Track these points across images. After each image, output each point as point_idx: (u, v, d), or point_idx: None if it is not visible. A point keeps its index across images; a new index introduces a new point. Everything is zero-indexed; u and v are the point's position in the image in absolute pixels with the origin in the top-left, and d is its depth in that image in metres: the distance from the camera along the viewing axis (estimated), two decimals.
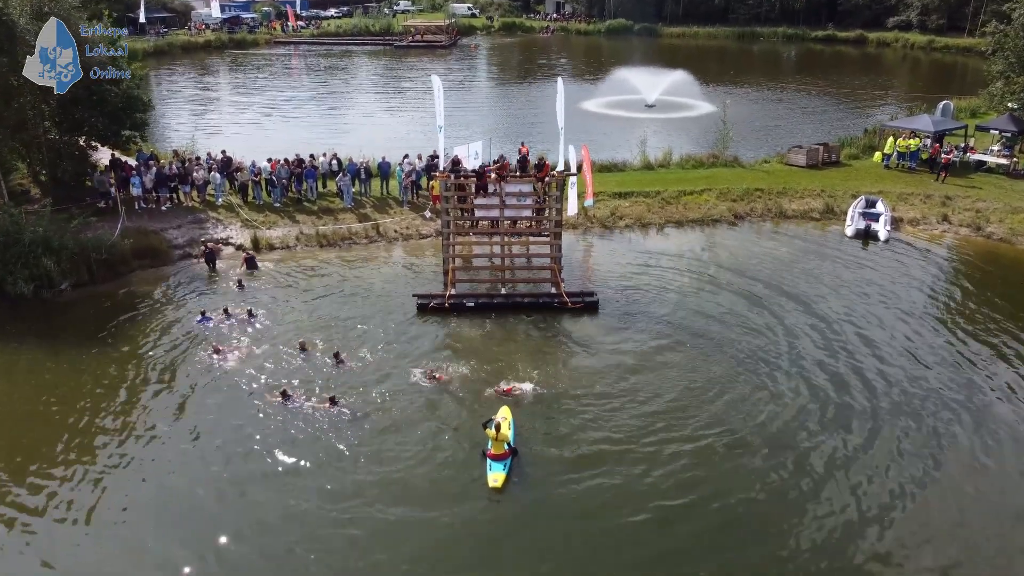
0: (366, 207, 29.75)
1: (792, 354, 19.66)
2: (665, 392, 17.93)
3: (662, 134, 43.41)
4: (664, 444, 16.15)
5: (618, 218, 29.39)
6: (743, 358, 19.41)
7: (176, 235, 26.75)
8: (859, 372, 18.85)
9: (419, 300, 21.98)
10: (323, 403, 17.28)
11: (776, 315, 21.68)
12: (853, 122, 45.58)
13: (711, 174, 34.03)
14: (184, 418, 17.16)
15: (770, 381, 18.48)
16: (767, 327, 21.03)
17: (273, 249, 26.63)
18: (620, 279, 24.32)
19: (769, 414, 17.21)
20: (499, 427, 15.29)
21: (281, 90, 57.86)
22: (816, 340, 20.35)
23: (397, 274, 24.77)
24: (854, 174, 34.09)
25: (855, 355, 19.62)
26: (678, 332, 20.75)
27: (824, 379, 18.58)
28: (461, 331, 20.74)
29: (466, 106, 51.13)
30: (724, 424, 16.81)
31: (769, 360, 19.34)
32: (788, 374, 18.80)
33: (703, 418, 17.01)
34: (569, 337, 20.49)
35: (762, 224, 29.61)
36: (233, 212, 28.50)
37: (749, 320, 21.41)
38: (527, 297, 22.21)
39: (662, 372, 18.80)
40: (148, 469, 15.58)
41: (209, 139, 38.96)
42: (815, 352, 19.77)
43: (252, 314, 21.48)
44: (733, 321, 21.36)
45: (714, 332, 20.72)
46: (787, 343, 20.17)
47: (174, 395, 18.01)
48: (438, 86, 23.38)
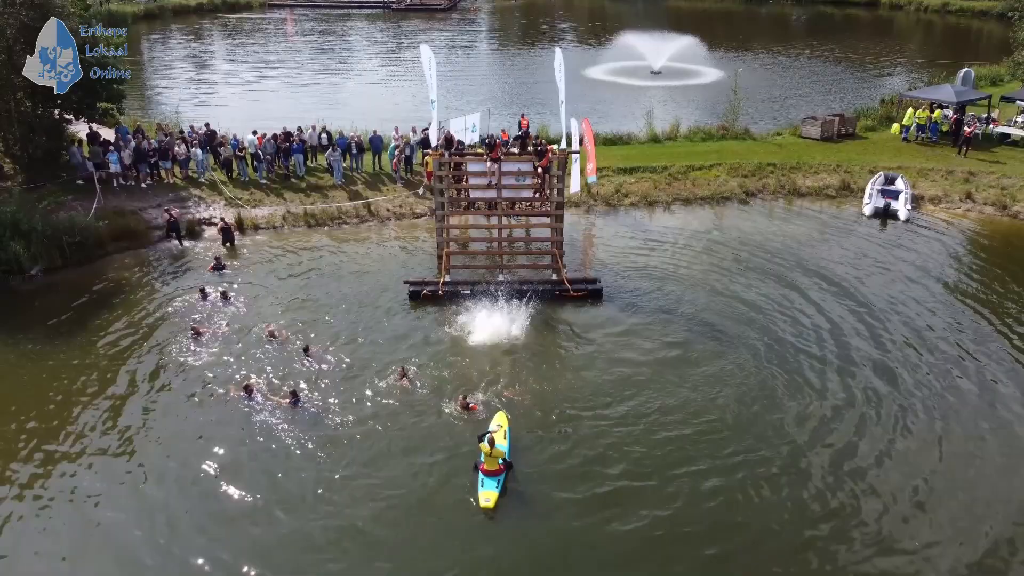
0: (357, 184, 28.23)
1: (818, 349, 18.18)
2: (679, 395, 16.52)
3: (669, 103, 41.67)
4: (684, 461, 14.66)
5: (623, 195, 27.87)
6: (762, 353, 18.01)
7: (156, 215, 25.27)
8: (895, 367, 17.46)
9: (411, 287, 20.61)
10: (284, 399, 16.15)
11: (793, 303, 20.30)
12: (868, 91, 43.71)
13: (721, 147, 32.39)
14: (136, 424, 15.80)
15: (800, 379, 16.99)
16: (784, 315, 19.65)
17: (258, 229, 25.20)
18: (626, 262, 22.91)
19: (800, 418, 15.86)
20: (493, 441, 13.98)
21: (274, 57, 55.82)
22: (845, 332, 18.86)
23: (389, 257, 23.37)
24: (871, 147, 32.42)
25: (886, 346, 18.23)
26: (689, 323, 19.40)
27: (864, 380, 16.99)
28: (454, 322, 19.37)
29: (464, 74, 49.21)
30: (751, 435, 15.37)
31: (790, 354, 17.91)
32: (818, 371, 17.30)
33: (723, 427, 15.58)
34: (572, 330, 19.12)
35: (774, 202, 28.09)
36: (217, 190, 27.00)
37: (764, 308, 20.02)
38: (527, 284, 20.83)
39: (675, 370, 17.41)
40: (83, 504, 13.80)
41: (196, 110, 37.27)
42: (846, 348, 18.23)
43: (227, 296, 20.33)
44: (747, 309, 19.98)
45: (728, 323, 19.33)
46: (807, 334, 18.79)
47: (136, 391, 16.83)
48: (428, 57, 21.50)
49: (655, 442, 15.10)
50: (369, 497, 13.76)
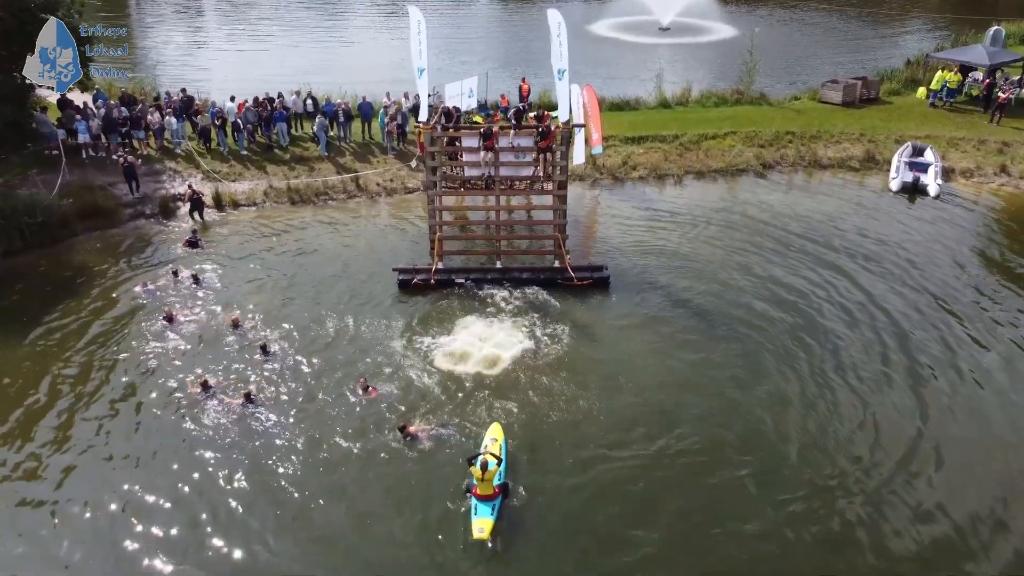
0: (345, 155, 26.28)
1: (860, 351, 16.36)
2: (701, 406, 14.83)
3: (679, 63, 39.37)
4: (713, 491, 13.09)
5: (631, 168, 25.93)
6: (790, 354, 16.22)
7: (127, 190, 23.43)
8: (964, 367, 15.82)
9: (400, 275, 18.88)
10: (236, 400, 14.79)
11: (819, 292, 18.51)
12: (891, 50, 41.33)
13: (735, 113, 30.31)
14: (84, 428, 14.34)
15: (838, 391, 15.12)
16: (809, 306, 17.91)
17: (238, 206, 23.38)
18: (634, 244, 21.12)
19: (840, 441, 14.18)
20: (486, 465, 12.37)
21: (256, 14, 52.86)
22: (880, 330, 17.07)
23: (378, 238, 21.58)
24: (896, 113, 30.30)
25: (929, 347, 16.54)
26: (708, 316, 17.65)
27: (939, 390, 15.26)
28: (445, 316, 17.65)
29: (460, 31, 46.61)
30: (798, 459, 13.74)
31: (825, 358, 16.07)
32: (870, 379, 15.49)
33: (757, 448, 13.92)
34: (576, 326, 17.36)
35: (793, 174, 26.15)
36: (194, 162, 25.06)
37: (787, 299, 18.26)
38: (526, 272, 19.08)
39: (696, 374, 15.74)
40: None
41: (174, 71, 35.03)
42: (883, 348, 16.49)
43: (198, 279, 18.88)
44: (770, 299, 18.23)
45: (751, 316, 17.56)
46: (838, 329, 17.01)
47: (89, 387, 15.38)
48: (418, 20, 19.29)
49: (674, 464, 13.45)
50: (325, 534, 12.26)
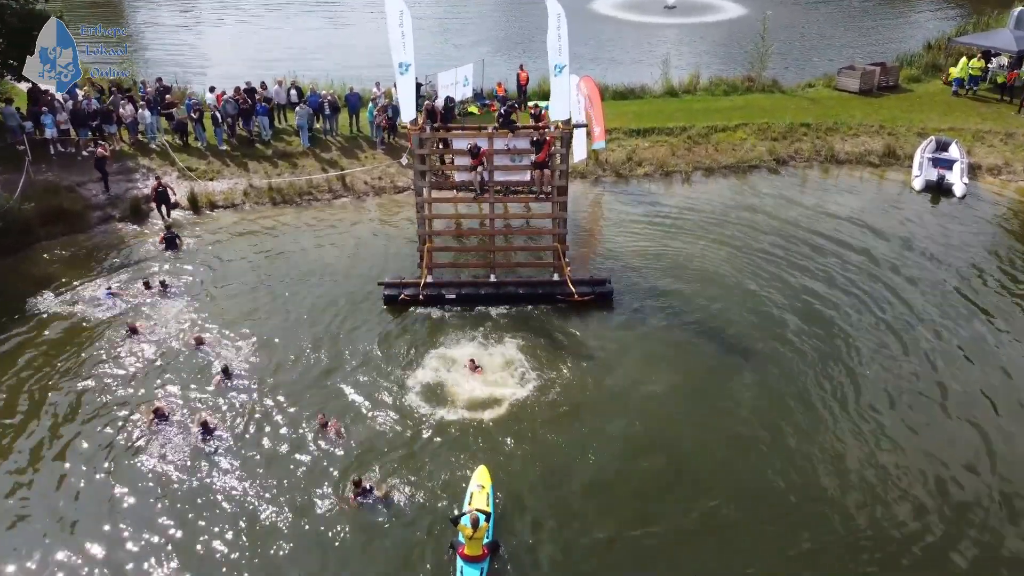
0: (331, 150, 24.64)
1: (890, 375, 15.02)
2: (717, 449, 13.42)
3: (686, 44, 37.58)
4: (730, 548, 11.79)
5: (636, 164, 24.32)
6: (823, 381, 14.81)
7: (96, 190, 21.87)
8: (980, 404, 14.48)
9: (386, 290, 17.41)
10: (195, 425, 13.62)
11: (846, 309, 17.01)
12: (908, 31, 39.41)
13: (746, 102, 28.61)
14: (26, 455, 13.22)
15: (893, 432, 13.74)
16: (839, 325, 16.43)
17: (215, 207, 21.81)
18: (639, 252, 19.62)
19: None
20: (476, 522, 11.02)
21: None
22: (920, 351, 15.68)
23: (364, 244, 20.05)
24: (917, 103, 28.58)
25: (986, 374, 15.13)
26: (723, 336, 16.19)
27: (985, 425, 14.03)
28: (433, 338, 16.16)
29: (454, 11, 44.43)
30: (840, 517, 12.42)
31: (864, 387, 14.69)
32: (909, 410, 14.18)
33: (785, 500, 12.59)
34: (575, 350, 15.89)
35: (809, 171, 24.54)
36: (169, 159, 23.43)
37: (811, 314, 16.77)
38: (523, 286, 17.61)
39: (712, 407, 14.34)
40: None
41: (156, 53, 33.21)
42: (927, 373, 15.15)
43: (165, 285, 17.72)
44: (790, 314, 16.76)
45: (770, 337, 16.07)
46: (872, 357, 15.58)
47: (41, 409, 14.17)
48: (400, 11, 17.20)
49: (688, 519, 12.11)
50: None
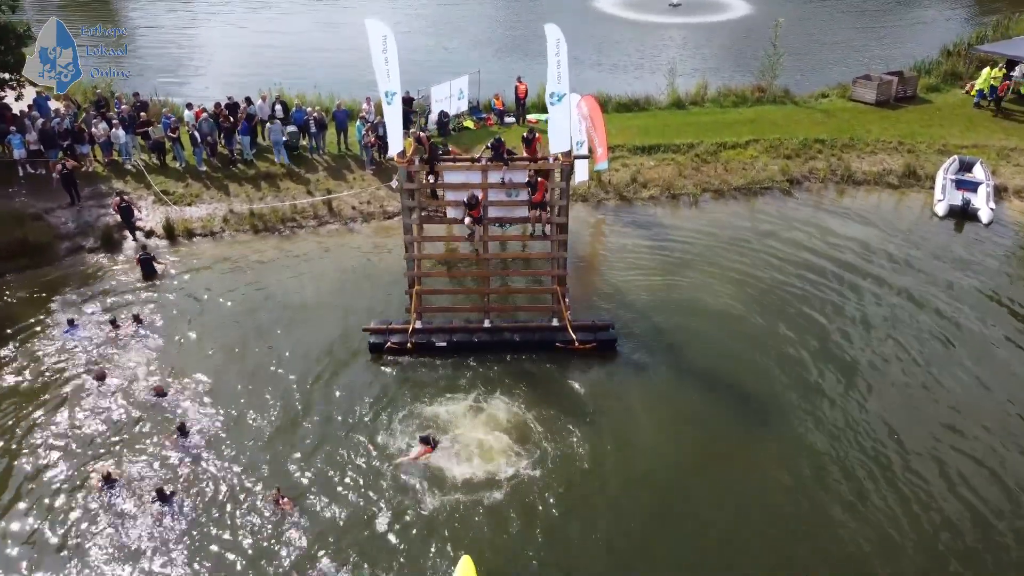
0: (318, 170, 23.25)
1: (922, 439, 13.77)
2: (739, 531, 12.18)
3: (690, 48, 36.06)
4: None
5: (640, 185, 22.93)
6: (856, 445, 13.60)
7: (66, 218, 20.54)
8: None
9: (371, 337, 16.10)
10: (150, 493, 12.58)
11: (870, 358, 15.72)
12: (923, 35, 37.79)
13: (756, 115, 27.17)
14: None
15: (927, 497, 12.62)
16: (866, 378, 15.14)
17: (193, 236, 20.46)
18: (645, 288, 18.28)
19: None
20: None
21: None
22: (959, 413, 14.49)
23: (349, 279, 18.65)
24: (937, 116, 27.13)
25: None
26: (735, 392, 14.85)
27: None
28: (419, 393, 14.80)
29: (446, 14, 42.69)
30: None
31: (909, 455, 13.51)
32: (963, 485, 12.89)
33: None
34: (576, 409, 14.52)
35: (823, 192, 23.13)
36: (145, 182, 22.04)
37: (835, 363, 15.45)
38: (520, 332, 16.28)
39: (728, 482, 13.02)
40: None
41: (142, 59, 31.72)
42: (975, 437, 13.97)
43: (139, 320, 16.73)
44: (816, 359, 15.46)
45: (790, 390, 14.78)
46: (902, 414, 14.33)
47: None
48: (383, 35, 15.69)
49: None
50: None
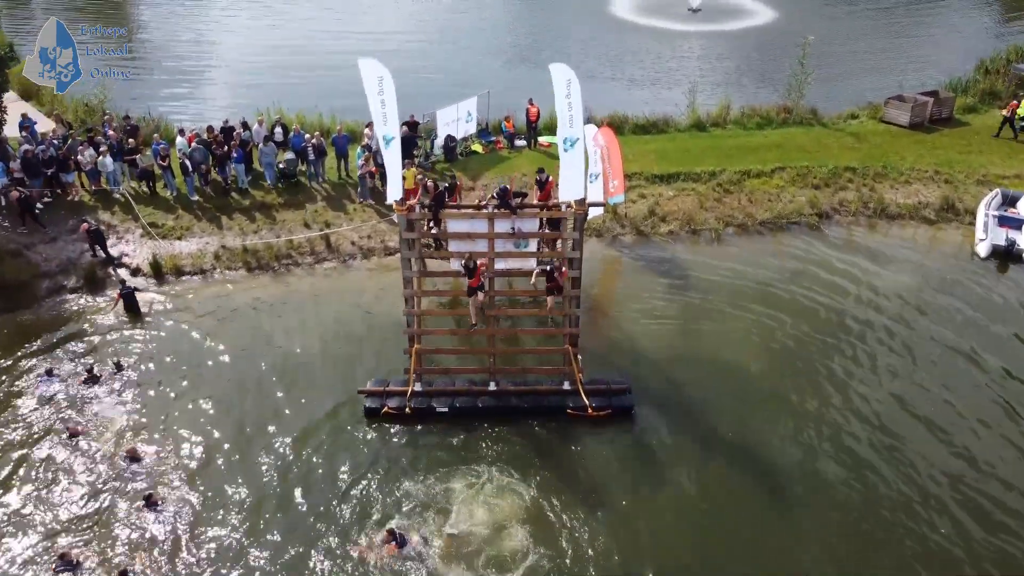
0: (316, 199, 21.94)
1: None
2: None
3: (711, 59, 34.52)
4: None
5: (659, 219, 21.49)
6: (906, 532, 12.28)
7: (48, 254, 19.35)
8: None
9: (367, 399, 14.83)
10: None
11: (912, 427, 14.35)
12: (959, 42, 36.03)
13: (782, 138, 25.64)
14: None
15: None
16: (908, 459, 13.77)
17: (182, 274, 19.21)
18: (664, 337, 16.99)
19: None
20: None
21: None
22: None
23: (346, 326, 17.32)
24: (975, 141, 25.50)
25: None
26: (774, 470, 13.54)
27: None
28: (416, 468, 13.53)
29: (455, 21, 41.06)
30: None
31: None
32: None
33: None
34: (589, 492, 13.18)
35: (854, 228, 21.63)
36: (133, 213, 20.79)
37: (873, 437, 14.12)
38: (528, 397, 14.96)
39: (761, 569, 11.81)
40: None
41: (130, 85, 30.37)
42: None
43: (120, 367, 15.76)
44: (853, 432, 14.12)
45: (835, 472, 13.46)
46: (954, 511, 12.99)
47: None
48: (378, 75, 14.30)
49: None
50: None
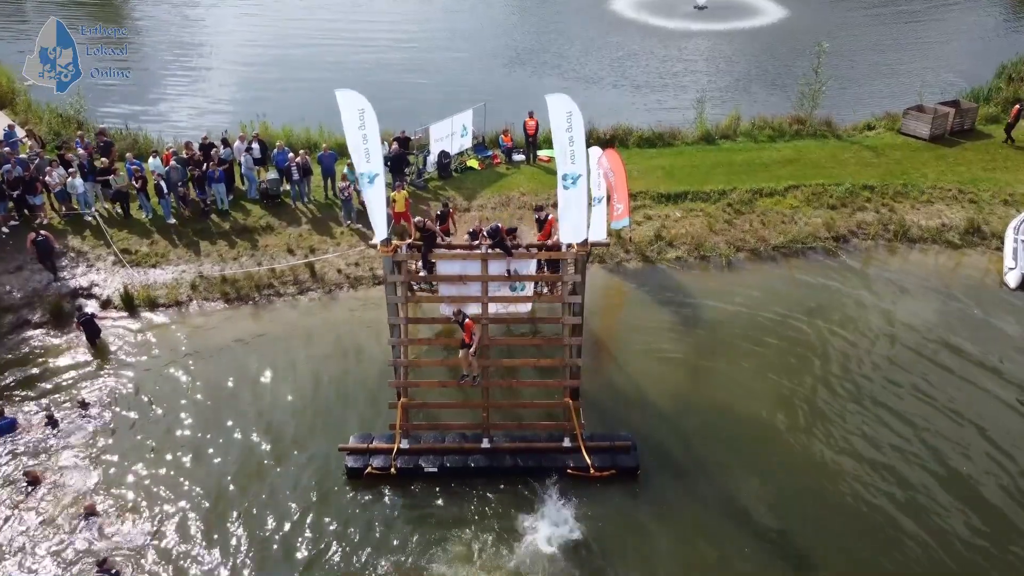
0: (300, 222, 20.65)
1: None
2: None
3: (718, 60, 33.05)
4: None
5: (666, 243, 20.17)
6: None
7: (11, 285, 18.07)
8: None
9: (349, 458, 13.59)
10: None
11: (941, 493, 13.15)
12: (977, 46, 34.57)
13: (796, 152, 24.29)
14: None
15: None
16: (943, 527, 12.57)
17: (155, 307, 17.91)
18: (670, 381, 15.75)
19: None
20: None
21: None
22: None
23: (328, 368, 16.06)
24: (1000, 156, 24.15)
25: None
26: (796, 542, 12.34)
27: None
28: (401, 536, 12.37)
29: (451, 21, 39.58)
30: None
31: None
32: None
33: None
34: (589, 552, 11.99)
35: (873, 251, 20.32)
36: (104, 239, 19.50)
37: (903, 501, 12.93)
38: (524, 455, 13.71)
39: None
40: None
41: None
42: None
43: (86, 405, 14.92)
44: (879, 492, 12.93)
45: (861, 545, 12.28)
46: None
47: None
48: (359, 108, 13.05)
49: None
50: None
